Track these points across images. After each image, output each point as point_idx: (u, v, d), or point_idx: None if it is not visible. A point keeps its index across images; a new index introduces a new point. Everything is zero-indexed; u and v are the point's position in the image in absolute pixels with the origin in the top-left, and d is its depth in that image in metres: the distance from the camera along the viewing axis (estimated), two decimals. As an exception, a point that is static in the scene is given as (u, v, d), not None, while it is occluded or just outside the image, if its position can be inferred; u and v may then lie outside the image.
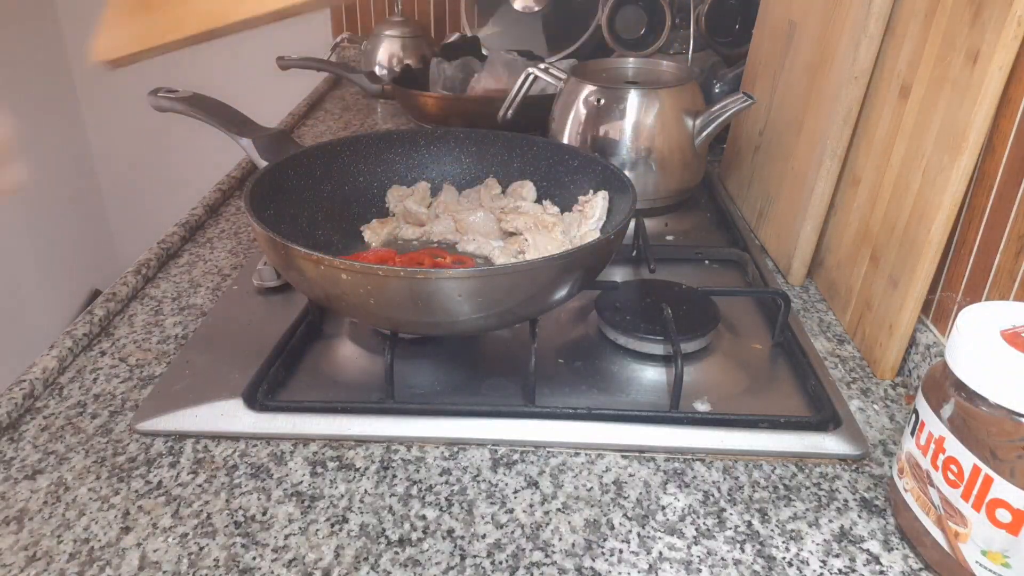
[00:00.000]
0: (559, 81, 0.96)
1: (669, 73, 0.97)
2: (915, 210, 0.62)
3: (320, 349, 0.67)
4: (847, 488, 0.53)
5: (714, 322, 0.67)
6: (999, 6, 0.54)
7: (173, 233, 0.85)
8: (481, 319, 0.57)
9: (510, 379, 0.63)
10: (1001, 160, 0.57)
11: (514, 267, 0.55)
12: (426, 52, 1.48)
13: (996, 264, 0.57)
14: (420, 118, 1.25)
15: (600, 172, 0.73)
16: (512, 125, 0.97)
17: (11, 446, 0.56)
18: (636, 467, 0.55)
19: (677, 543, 0.49)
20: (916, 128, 0.63)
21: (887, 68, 0.70)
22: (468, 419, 0.58)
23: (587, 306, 0.72)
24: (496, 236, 0.73)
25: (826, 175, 0.76)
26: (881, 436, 0.58)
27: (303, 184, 0.72)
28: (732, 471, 0.55)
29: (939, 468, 0.44)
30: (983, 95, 0.55)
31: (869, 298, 0.68)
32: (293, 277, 0.59)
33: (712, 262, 0.83)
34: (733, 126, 1.01)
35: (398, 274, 0.52)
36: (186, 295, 0.76)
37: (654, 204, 0.92)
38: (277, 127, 0.79)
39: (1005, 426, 0.41)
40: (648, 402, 0.61)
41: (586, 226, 0.70)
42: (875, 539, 0.49)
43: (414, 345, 0.66)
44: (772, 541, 0.49)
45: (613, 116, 0.89)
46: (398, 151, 0.79)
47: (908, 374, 0.65)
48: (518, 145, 0.79)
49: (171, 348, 0.67)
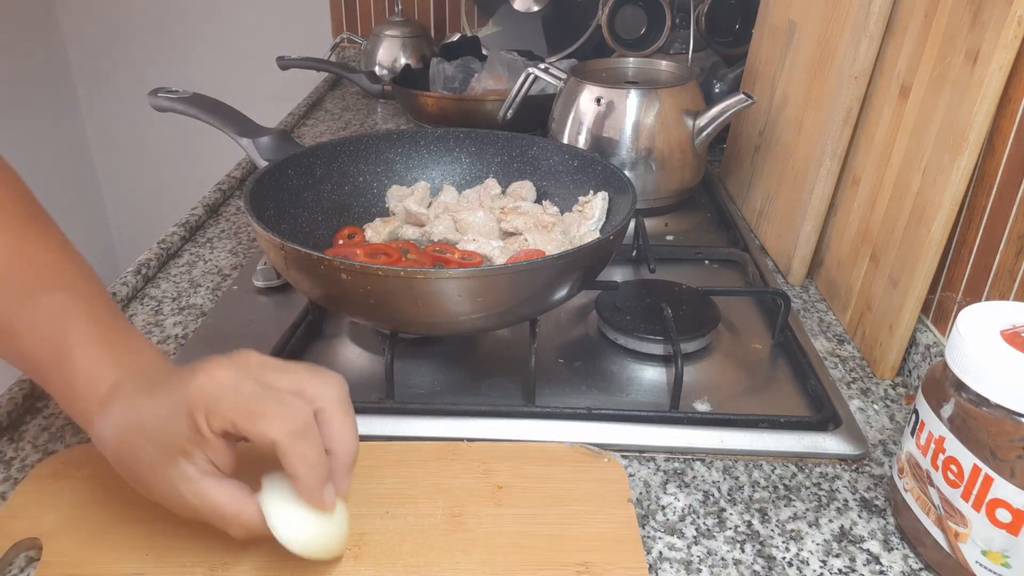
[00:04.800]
0: (559, 81, 0.96)
1: (669, 73, 0.97)
2: (915, 210, 0.62)
3: (320, 349, 0.67)
4: (847, 488, 0.53)
5: (714, 322, 0.67)
6: (999, 6, 0.54)
7: (173, 233, 0.85)
8: (481, 319, 0.57)
9: (510, 379, 0.63)
10: (1001, 160, 0.57)
11: (514, 267, 0.55)
12: (426, 52, 1.48)
13: (996, 264, 0.57)
14: (420, 118, 1.25)
15: (600, 172, 0.73)
16: (512, 125, 0.97)
17: (11, 446, 0.56)
18: (636, 467, 0.55)
19: (677, 543, 0.49)
20: (916, 128, 0.63)
21: (887, 68, 0.70)
22: (468, 419, 0.58)
23: (587, 306, 0.72)
24: (496, 236, 0.73)
25: (826, 175, 0.76)
26: (881, 436, 0.58)
27: (303, 184, 0.72)
28: (732, 471, 0.55)
29: (939, 468, 0.44)
30: (983, 95, 0.55)
31: (869, 298, 0.68)
32: (293, 277, 0.59)
33: (712, 262, 0.83)
34: (733, 126, 1.01)
35: (398, 274, 0.52)
36: (186, 295, 0.76)
37: (654, 204, 0.92)
38: (277, 127, 0.79)
39: (1005, 426, 0.41)
40: (648, 402, 0.61)
41: (586, 226, 0.70)
42: (875, 539, 0.49)
43: (414, 345, 0.66)
44: (772, 541, 0.49)
45: (613, 116, 0.89)
46: (398, 151, 0.79)
47: (908, 374, 0.65)
48: (518, 145, 0.79)
49: (171, 348, 0.67)
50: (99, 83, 1.91)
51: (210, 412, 0.40)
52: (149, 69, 1.86)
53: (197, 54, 1.86)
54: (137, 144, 1.96)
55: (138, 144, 1.96)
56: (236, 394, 0.40)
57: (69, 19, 1.85)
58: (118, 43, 1.86)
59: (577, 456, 0.53)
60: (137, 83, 1.68)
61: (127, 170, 2.00)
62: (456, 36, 1.49)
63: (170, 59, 1.87)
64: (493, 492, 0.50)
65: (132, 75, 1.88)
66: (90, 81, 1.91)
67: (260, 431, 0.40)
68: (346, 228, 0.74)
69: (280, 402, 0.40)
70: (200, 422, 0.40)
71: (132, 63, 1.87)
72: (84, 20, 1.84)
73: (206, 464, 0.41)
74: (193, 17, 1.82)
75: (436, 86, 1.29)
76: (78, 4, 1.82)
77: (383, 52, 1.50)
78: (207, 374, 0.41)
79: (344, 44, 1.72)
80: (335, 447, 0.42)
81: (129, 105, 1.89)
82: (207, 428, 0.40)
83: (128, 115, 1.91)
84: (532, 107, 1.01)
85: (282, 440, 0.40)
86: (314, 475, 0.41)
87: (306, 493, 0.41)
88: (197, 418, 0.40)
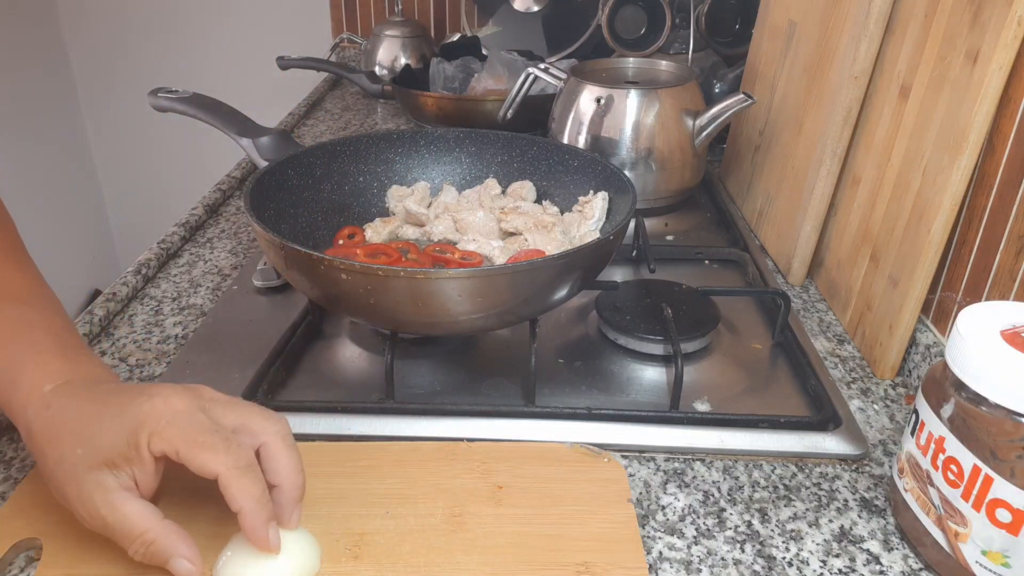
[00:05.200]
0: (559, 81, 0.96)
1: (669, 73, 0.97)
2: (915, 210, 0.62)
3: (320, 349, 0.67)
4: (847, 488, 0.53)
5: (714, 322, 0.67)
6: (999, 6, 0.54)
7: (173, 233, 0.85)
8: (481, 319, 0.57)
9: (510, 379, 0.63)
10: (1001, 160, 0.57)
11: (514, 267, 0.55)
12: (426, 52, 1.48)
13: (996, 264, 0.57)
14: (420, 118, 1.25)
15: (600, 172, 0.73)
16: (512, 125, 0.97)
17: (11, 446, 0.56)
18: (636, 467, 0.55)
19: (677, 543, 0.49)
20: (916, 128, 0.63)
21: (887, 68, 0.70)
22: (468, 419, 0.58)
23: (587, 306, 0.72)
24: (496, 236, 0.73)
25: (826, 175, 0.76)
26: (881, 436, 0.58)
27: (303, 184, 0.72)
28: (732, 471, 0.55)
29: (939, 468, 0.44)
30: (983, 95, 0.55)
31: (869, 298, 0.68)
32: (293, 277, 0.59)
33: (712, 262, 0.83)
34: (733, 126, 1.01)
35: (398, 274, 0.52)
36: (186, 295, 0.76)
37: (654, 204, 0.92)
38: (277, 127, 0.79)
39: (1005, 426, 0.41)
40: (648, 402, 0.61)
41: (586, 226, 0.70)
42: (875, 539, 0.49)
43: (414, 345, 0.66)
44: (772, 541, 0.49)
45: (613, 116, 0.89)
46: (398, 151, 0.79)
47: (908, 374, 0.65)
48: (518, 145, 0.79)
49: (171, 348, 0.67)
50: (99, 83, 1.91)
51: (155, 434, 0.41)
52: (149, 69, 1.86)
53: (197, 54, 1.86)
54: (137, 144, 1.96)
55: (138, 144, 1.96)
56: (187, 423, 0.41)
57: (70, 19, 1.85)
58: (118, 43, 1.86)
59: (577, 456, 0.53)
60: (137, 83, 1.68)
61: (127, 170, 2.00)
62: (456, 36, 1.49)
63: (170, 59, 1.87)
64: (493, 492, 0.50)
65: (132, 75, 1.88)
66: (90, 81, 1.91)
67: (203, 462, 0.40)
68: (346, 228, 0.74)
69: (226, 438, 0.41)
70: (142, 440, 0.41)
71: (132, 63, 1.87)
72: (84, 20, 1.84)
73: (127, 480, 0.42)
74: (193, 17, 1.82)
75: (436, 86, 1.29)
76: (79, 4, 1.82)
77: (383, 52, 1.50)
78: (162, 398, 0.42)
79: (344, 44, 1.72)
80: (281, 480, 0.43)
81: (129, 105, 1.89)
82: (146, 447, 0.41)
83: (128, 115, 1.91)
84: (532, 107, 1.01)
85: (225, 473, 0.40)
86: (258, 508, 0.41)
87: (251, 531, 0.41)
88: (140, 435, 0.41)
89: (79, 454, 0.41)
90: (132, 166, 1.99)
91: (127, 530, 0.41)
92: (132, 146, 1.96)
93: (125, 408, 0.42)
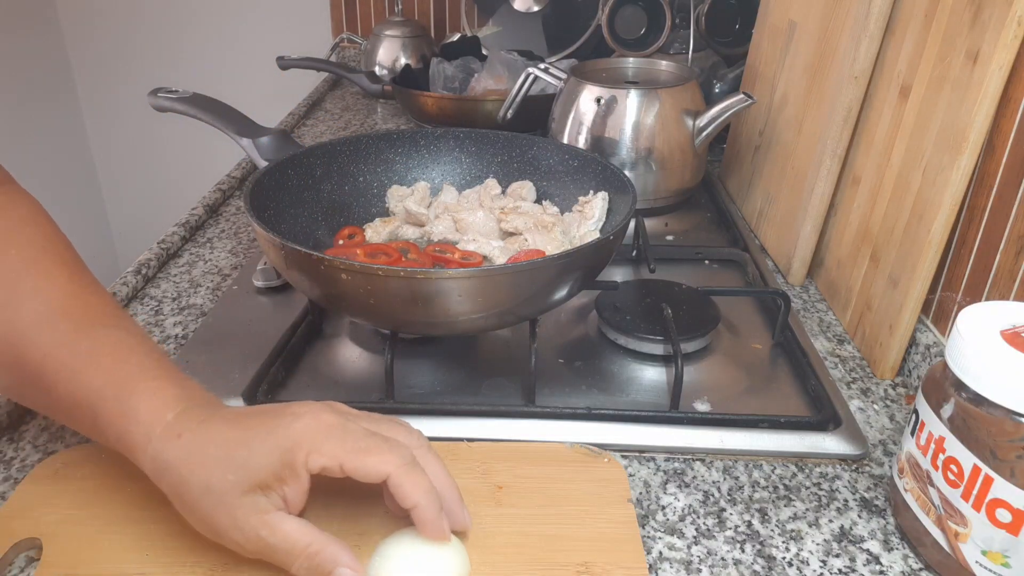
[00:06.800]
0: (559, 81, 0.96)
1: (669, 73, 0.97)
2: (915, 210, 0.62)
3: (320, 349, 0.67)
4: (847, 488, 0.53)
5: (714, 322, 0.67)
6: (999, 6, 0.54)
7: (173, 233, 0.85)
8: (481, 319, 0.57)
9: (510, 379, 0.63)
10: (1001, 160, 0.57)
11: (514, 267, 0.55)
12: (426, 52, 1.48)
13: (996, 264, 0.57)
14: (420, 118, 1.25)
15: (600, 172, 0.73)
16: (512, 125, 0.97)
17: (11, 446, 0.56)
18: (636, 467, 0.55)
19: (677, 543, 0.49)
20: (916, 128, 0.63)
21: (887, 68, 0.70)
22: (468, 419, 0.58)
23: (587, 306, 0.72)
24: (496, 236, 0.73)
25: (826, 175, 0.76)
26: (881, 436, 0.58)
27: (303, 184, 0.72)
28: (732, 471, 0.55)
29: (939, 468, 0.44)
30: (983, 95, 0.55)
31: (869, 298, 0.68)
32: (293, 277, 0.59)
33: (712, 262, 0.83)
34: (733, 126, 1.01)
35: (398, 274, 0.52)
36: (186, 295, 0.76)
37: (654, 204, 0.92)
38: (277, 127, 0.79)
39: (1005, 426, 0.41)
40: (648, 402, 0.61)
41: (586, 226, 0.70)
42: (875, 539, 0.49)
43: (414, 345, 0.66)
44: (772, 541, 0.49)
45: (613, 116, 0.89)
46: (398, 151, 0.79)
47: (908, 374, 0.65)
48: (518, 145, 0.79)
49: (171, 348, 0.67)
50: (99, 83, 1.91)
51: (314, 451, 0.41)
52: (149, 69, 1.86)
53: (197, 54, 1.86)
54: (137, 144, 1.96)
55: (138, 144, 1.96)
56: (343, 435, 0.42)
57: (69, 19, 1.85)
58: (118, 43, 1.86)
59: (577, 456, 0.53)
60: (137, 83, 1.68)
61: (127, 170, 2.00)
62: (456, 36, 1.49)
63: (170, 59, 1.87)
64: (493, 492, 0.50)
65: (132, 75, 1.88)
66: (90, 81, 1.91)
67: (372, 466, 0.41)
68: (346, 228, 0.74)
69: (385, 439, 0.43)
70: (299, 458, 0.41)
71: (132, 63, 1.87)
72: (84, 20, 1.84)
73: (279, 500, 0.42)
74: (193, 17, 1.82)
75: (436, 86, 1.29)
76: (78, 4, 1.82)
77: (383, 52, 1.50)
78: (312, 415, 0.42)
79: (344, 44, 1.72)
80: (438, 486, 0.44)
81: (129, 105, 1.89)
82: (303, 466, 0.41)
83: (128, 115, 1.91)
84: (532, 107, 1.01)
85: (395, 472, 0.41)
86: (432, 500, 0.42)
87: (427, 523, 0.42)
88: (296, 454, 0.41)
89: (231, 480, 0.41)
90: (132, 166, 1.99)
91: (290, 547, 0.41)
92: (132, 146, 1.96)
93: (274, 430, 0.42)
